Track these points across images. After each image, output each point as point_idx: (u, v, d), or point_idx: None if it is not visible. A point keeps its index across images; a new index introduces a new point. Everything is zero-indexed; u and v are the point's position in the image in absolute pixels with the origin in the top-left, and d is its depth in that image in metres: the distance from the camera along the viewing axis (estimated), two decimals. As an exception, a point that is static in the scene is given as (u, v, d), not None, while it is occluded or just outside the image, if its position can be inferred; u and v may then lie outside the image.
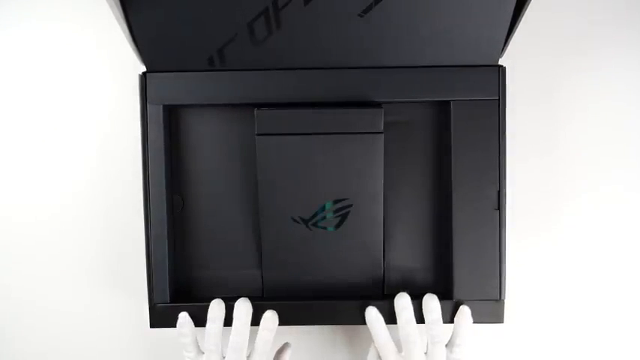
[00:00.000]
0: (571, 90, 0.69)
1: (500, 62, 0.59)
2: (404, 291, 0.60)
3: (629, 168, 0.70)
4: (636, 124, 0.69)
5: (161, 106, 0.58)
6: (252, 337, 0.58)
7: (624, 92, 0.69)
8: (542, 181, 0.70)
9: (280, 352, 0.63)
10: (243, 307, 0.57)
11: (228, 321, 0.58)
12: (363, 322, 0.60)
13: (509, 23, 0.56)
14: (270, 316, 0.58)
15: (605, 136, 0.69)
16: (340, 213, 0.60)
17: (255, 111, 0.58)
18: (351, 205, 0.60)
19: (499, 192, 0.59)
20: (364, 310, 0.60)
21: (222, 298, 0.59)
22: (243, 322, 0.57)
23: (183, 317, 0.59)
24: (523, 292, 0.70)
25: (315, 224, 0.60)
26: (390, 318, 0.59)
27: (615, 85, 0.69)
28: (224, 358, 0.58)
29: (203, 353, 0.58)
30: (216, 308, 0.58)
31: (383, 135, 0.59)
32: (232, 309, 0.58)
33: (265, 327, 0.58)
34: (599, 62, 0.69)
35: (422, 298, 0.59)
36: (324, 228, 0.60)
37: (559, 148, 0.70)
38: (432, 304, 0.58)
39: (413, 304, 0.59)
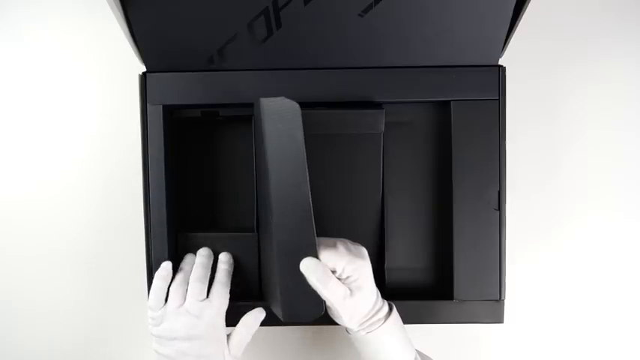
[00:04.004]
0: (570, 89, 0.69)
1: (500, 62, 0.59)
2: (404, 291, 0.59)
3: (629, 168, 0.70)
4: (636, 124, 0.69)
5: (161, 106, 0.58)
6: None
7: (624, 92, 0.69)
8: (542, 181, 0.70)
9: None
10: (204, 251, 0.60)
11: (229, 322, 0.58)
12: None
13: (509, 23, 0.56)
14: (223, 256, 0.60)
15: (604, 136, 0.69)
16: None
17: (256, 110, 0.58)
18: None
19: (499, 192, 0.59)
20: None
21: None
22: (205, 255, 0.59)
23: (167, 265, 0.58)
24: (523, 292, 0.70)
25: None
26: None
27: (615, 84, 0.69)
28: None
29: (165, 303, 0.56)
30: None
31: (382, 134, 0.59)
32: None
33: (222, 260, 0.59)
34: (599, 62, 0.69)
35: (422, 298, 0.59)
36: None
37: (559, 147, 0.70)
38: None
39: (413, 304, 0.59)
